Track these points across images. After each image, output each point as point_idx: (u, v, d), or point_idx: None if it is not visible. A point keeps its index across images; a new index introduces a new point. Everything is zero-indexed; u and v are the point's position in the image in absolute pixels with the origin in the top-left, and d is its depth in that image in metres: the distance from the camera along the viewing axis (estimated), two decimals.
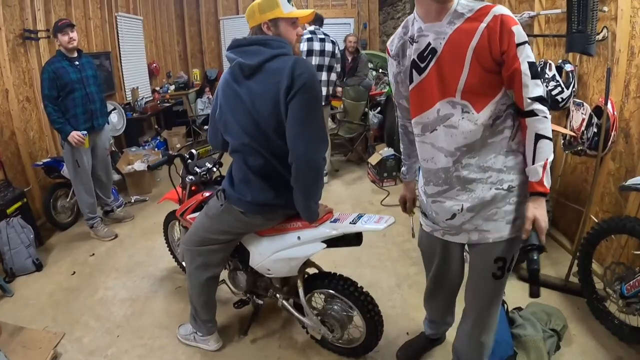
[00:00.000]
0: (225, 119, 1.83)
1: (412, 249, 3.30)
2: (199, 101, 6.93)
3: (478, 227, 1.50)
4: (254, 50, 1.70)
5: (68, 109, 3.32)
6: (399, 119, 1.83)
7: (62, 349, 2.40)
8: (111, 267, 3.28)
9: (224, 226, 1.99)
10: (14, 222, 3.17)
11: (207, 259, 2.10)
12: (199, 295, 2.20)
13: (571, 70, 2.78)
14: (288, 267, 2.01)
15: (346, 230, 1.87)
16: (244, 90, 1.72)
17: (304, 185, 1.74)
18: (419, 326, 2.41)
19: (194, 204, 2.33)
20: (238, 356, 2.32)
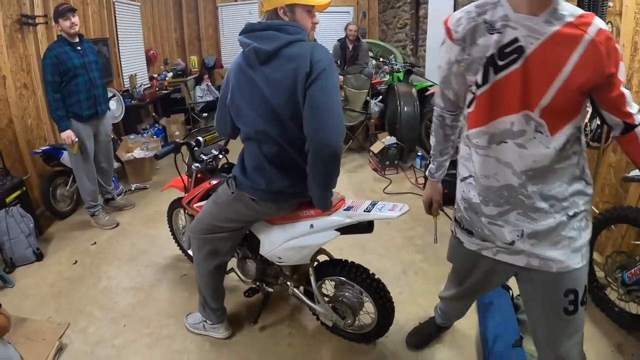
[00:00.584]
0: (238, 105, 1.76)
1: (417, 237, 3.30)
2: (198, 88, 6.85)
3: (540, 255, 1.33)
4: (270, 35, 1.64)
5: (71, 95, 3.25)
6: (437, 108, 1.58)
7: (67, 339, 2.36)
8: (113, 256, 3.23)
9: (233, 214, 1.94)
10: (14, 211, 3.10)
11: (215, 247, 2.07)
12: (208, 283, 2.17)
13: None
14: (300, 255, 1.98)
15: (361, 218, 1.84)
16: (259, 76, 1.66)
17: (322, 173, 1.68)
18: (427, 312, 2.43)
19: (201, 192, 2.28)
20: (248, 343, 2.30)
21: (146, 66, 6.51)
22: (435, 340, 2.24)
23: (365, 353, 2.20)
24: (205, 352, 2.24)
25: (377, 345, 2.23)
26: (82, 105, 3.31)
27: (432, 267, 2.89)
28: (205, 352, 2.24)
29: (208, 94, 6.83)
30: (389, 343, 2.24)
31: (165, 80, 6.57)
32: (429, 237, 3.24)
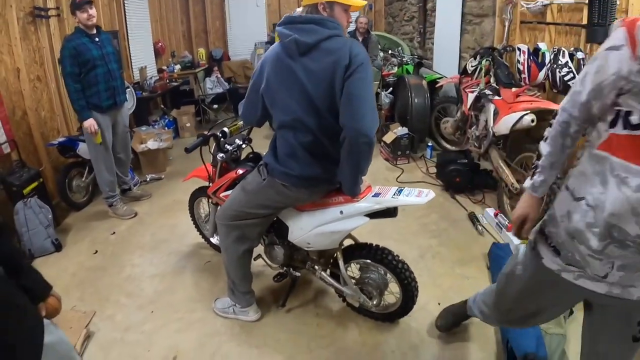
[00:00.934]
0: (275, 93, 1.82)
1: (431, 223, 3.38)
2: (208, 80, 6.89)
3: (624, 284, 1.23)
4: (310, 29, 1.71)
5: (91, 86, 3.28)
6: (564, 113, 1.32)
7: (95, 327, 2.40)
8: (135, 245, 3.28)
9: (264, 200, 2.00)
10: (32, 202, 3.13)
11: (243, 233, 2.12)
12: (237, 268, 2.23)
13: (582, 57, 2.87)
14: (329, 240, 2.04)
15: (390, 204, 1.90)
16: (298, 66, 1.73)
17: (356, 161, 1.74)
18: (446, 293, 2.53)
19: (228, 182, 2.33)
20: (277, 325, 2.37)
21: (154, 59, 6.52)
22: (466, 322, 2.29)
23: (390, 331, 2.27)
24: (236, 334, 2.30)
25: (401, 324, 2.31)
26: (101, 96, 3.34)
27: (449, 251, 2.97)
28: (236, 334, 2.30)
29: (218, 85, 6.86)
30: (412, 321, 2.31)
31: (174, 73, 6.58)
32: (443, 223, 3.33)
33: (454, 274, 2.71)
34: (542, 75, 3.20)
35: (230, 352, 2.19)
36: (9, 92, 3.38)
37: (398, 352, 2.13)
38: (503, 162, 3.32)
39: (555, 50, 3.03)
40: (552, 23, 3.27)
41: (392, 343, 2.19)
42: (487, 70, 3.68)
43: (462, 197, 3.75)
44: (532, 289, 1.50)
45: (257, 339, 2.26)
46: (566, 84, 2.90)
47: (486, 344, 2.13)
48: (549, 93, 3.33)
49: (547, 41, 3.30)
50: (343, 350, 2.16)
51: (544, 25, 3.36)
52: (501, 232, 3.10)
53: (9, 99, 3.38)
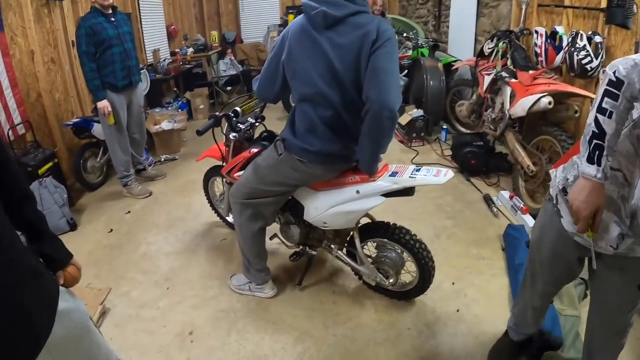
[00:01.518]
0: (296, 65, 1.79)
1: (446, 204, 3.36)
2: (221, 62, 6.90)
3: (631, 247, 1.26)
4: (338, 2, 1.69)
5: (106, 65, 3.28)
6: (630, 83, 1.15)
7: (110, 304, 2.43)
8: (150, 224, 3.30)
9: (279, 177, 1.99)
10: (47, 182, 3.16)
11: (258, 211, 2.12)
12: (251, 246, 2.23)
13: (600, 41, 2.82)
14: (346, 220, 2.03)
15: (407, 184, 1.88)
16: (324, 39, 1.71)
17: (378, 135, 1.72)
18: (461, 273, 2.55)
19: (242, 161, 2.31)
20: (294, 302, 2.38)
21: (167, 41, 6.51)
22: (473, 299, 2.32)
23: (406, 309, 2.28)
24: (253, 310, 2.32)
25: (416, 302, 2.31)
26: (117, 75, 3.34)
27: (463, 232, 2.96)
28: (252, 310, 2.32)
29: (231, 68, 6.86)
30: (428, 300, 2.32)
31: (187, 55, 6.57)
32: (458, 205, 3.32)
33: (470, 254, 2.71)
34: (560, 58, 3.15)
35: (246, 327, 2.21)
36: (23, 74, 3.40)
37: (414, 330, 2.14)
38: (519, 145, 3.28)
39: (573, 33, 2.98)
40: (569, 6, 3.20)
41: (407, 321, 2.20)
42: (504, 53, 3.63)
43: (477, 180, 3.73)
44: (557, 261, 1.52)
45: (274, 315, 2.28)
46: (584, 67, 2.87)
47: (501, 322, 2.11)
48: (565, 77, 3.28)
49: (564, 24, 3.24)
50: (359, 327, 2.17)
51: (561, 9, 3.29)
52: (516, 215, 3.08)
53: (24, 81, 3.40)
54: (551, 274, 1.60)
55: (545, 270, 1.60)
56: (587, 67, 2.85)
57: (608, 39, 2.86)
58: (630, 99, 1.13)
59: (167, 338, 2.17)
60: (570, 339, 1.97)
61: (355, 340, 2.09)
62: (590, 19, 3.01)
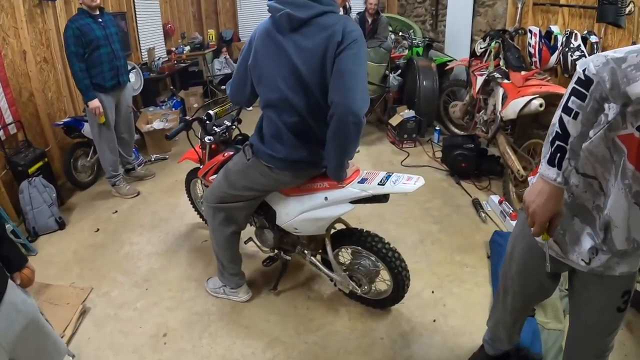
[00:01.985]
0: (262, 70, 1.76)
1: (434, 208, 3.31)
2: (216, 61, 6.92)
3: (606, 265, 1.21)
4: (304, 4, 1.62)
5: (95, 66, 3.29)
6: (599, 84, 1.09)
7: (91, 303, 2.44)
8: (135, 224, 3.31)
9: (248, 182, 1.97)
10: (36, 181, 3.18)
11: (230, 215, 2.10)
12: (225, 250, 2.22)
13: (596, 41, 2.77)
14: (315, 226, 2.01)
15: (375, 191, 1.83)
16: (289, 43, 1.66)
17: (343, 141, 1.67)
18: (442, 281, 2.49)
19: (216, 165, 2.30)
20: (268, 307, 2.36)
21: (164, 40, 6.51)
22: (451, 310, 2.27)
23: (381, 318, 2.24)
24: (227, 314, 2.31)
25: (392, 311, 2.27)
26: (105, 76, 3.34)
27: (449, 237, 2.91)
28: (226, 314, 2.31)
29: (226, 66, 6.88)
30: (404, 309, 2.27)
31: (183, 54, 6.57)
32: (446, 209, 3.27)
33: (453, 261, 2.66)
34: (554, 59, 3.09)
35: (218, 330, 2.20)
36: (15, 74, 3.41)
37: (387, 339, 2.10)
38: (510, 148, 3.22)
39: (567, 33, 2.92)
40: (565, 5, 3.15)
41: (381, 330, 2.16)
42: (497, 53, 3.56)
43: (468, 183, 3.67)
44: (529, 260, 1.43)
45: (247, 320, 2.26)
46: None
47: (479, 334, 2.06)
48: (560, 78, 3.21)
49: (559, 24, 3.18)
50: (331, 335, 2.14)
51: (557, 7, 3.23)
52: (505, 220, 3.02)
53: (16, 81, 3.41)
54: (521, 289, 1.53)
55: (516, 284, 1.53)
56: None
57: (604, 39, 2.79)
58: (600, 100, 1.04)
59: (142, 339, 2.17)
60: (552, 354, 1.92)
61: (326, 348, 2.06)
62: (587, 18, 2.95)
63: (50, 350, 1.49)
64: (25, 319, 1.33)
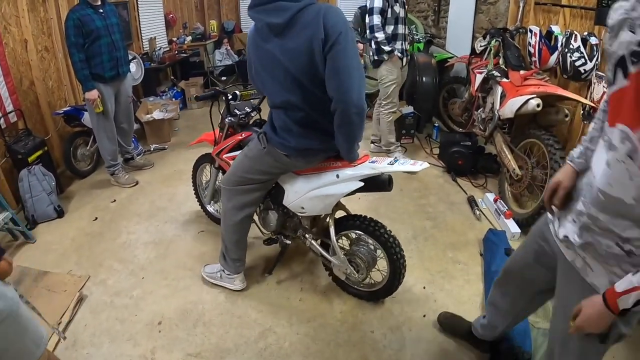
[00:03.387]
0: (261, 78, 1.83)
1: (428, 205, 3.34)
2: (217, 52, 6.90)
3: (585, 257, 1.17)
4: (279, 7, 1.62)
5: (94, 56, 3.30)
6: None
7: (88, 291, 2.48)
8: (133, 213, 3.33)
9: (264, 167, 2.04)
10: (36, 170, 3.20)
11: (244, 199, 2.16)
12: (232, 233, 2.26)
13: (596, 43, 2.75)
14: (323, 204, 2.05)
15: (384, 170, 1.91)
16: (276, 48, 1.68)
17: (349, 130, 1.75)
18: (434, 277, 2.52)
19: (232, 143, 2.38)
20: (261, 297, 2.40)
21: (165, 30, 6.51)
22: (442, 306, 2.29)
23: (372, 311, 2.27)
24: (220, 303, 2.34)
25: (384, 304, 2.31)
26: (104, 66, 3.36)
27: (442, 234, 2.93)
28: (219, 303, 2.34)
29: (227, 57, 6.87)
30: (395, 303, 2.31)
31: (184, 44, 6.56)
32: (441, 206, 3.30)
33: (445, 258, 2.69)
34: (554, 59, 3.09)
35: (212, 320, 2.23)
36: (16, 62, 3.43)
37: (377, 333, 2.13)
38: (506, 147, 3.24)
39: (567, 33, 2.92)
40: (567, 5, 3.13)
41: (373, 323, 2.19)
42: (497, 52, 3.57)
43: (464, 180, 3.70)
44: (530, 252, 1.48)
45: (240, 309, 2.30)
46: (577, 69, 2.80)
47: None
48: (560, 79, 3.22)
49: (560, 24, 3.17)
50: (322, 327, 2.17)
51: (558, 8, 3.22)
52: (499, 219, 3.05)
53: (17, 70, 3.43)
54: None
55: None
56: (580, 69, 2.78)
57: (604, 41, 2.79)
58: None
59: (137, 327, 2.21)
60: (542, 352, 1.92)
61: (317, 340, 2.10)
62: (588, 20, 2.93)
63: (27, 344, 1.40)
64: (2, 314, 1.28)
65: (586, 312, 1.09)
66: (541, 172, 2.89)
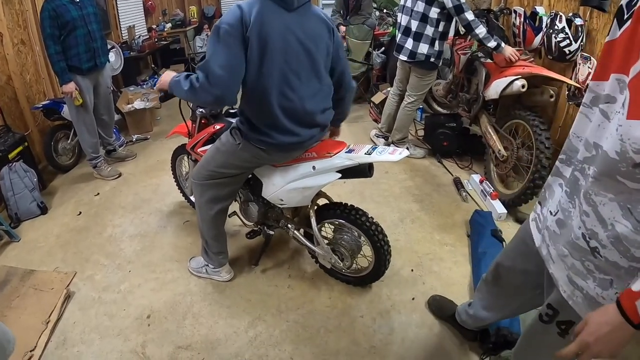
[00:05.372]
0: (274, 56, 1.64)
1: (414, 187, 3.35)
2: (198, 39, 6.80)
3: (549, 245, 1.11)
4: None
5: (70, 47, 3.21)
6: None
7: (75, 287, 2.45)
8: (117, 205, 3.29)
9: (237, 162, 1.98)
10: (17, 166, 3.13)
11: (217, 193, 2.10)
12: (210, 228, 2.22)
13: (581, 24, 2.76)
14: (301, 196, 2.03)
15: (362, 160, 1.87)
16: (296, 24, 1.67)
17: (349, 103, 2.15)
18: (422, 259, 2.54)
19: (205, 136, 2.31)
20: (249, 286, 2.39)
21: (144, 17, 6.36)
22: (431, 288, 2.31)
23: (361, 296, 2.28)
24: (208, 294, 2.33)
25: (372, 288, 2.32)
26: (81, 58, 3.26)
27: (429, 216, 2.95)
28: (208, 294, 2.33)
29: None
30: (384, 287, 2.32)
31: (164, 31, 6.45)
32: (427, 188, 3.31)
33: (433, 240, 2.70)
34: (538, 40, 3.09)
35: (201, 311, 2.22)
36: None
37: (367, 317, 2.14)
38: (492, 128, 3.25)
39: (552, 14, 2.91)
40: None
41: (362, 308, 2.20)
42: None
43: (449, 162, 3.71)
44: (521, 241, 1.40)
45: (229, 299, 2.29)
46: (561, 50, 2.81)
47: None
48: (544, 60, 3.22)
49: (545, 5, 3.16)
50: (312, 313, 2.18)
51: None
52: (485, 200, 3.07)
53: None
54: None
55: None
56: (565, 50, 2.79)
57: (590, 21, 2.79)
58: None
59: (126, 321, 2.19)
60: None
61: (307, 326, 2.10)
62: (572, 1, 2.93)
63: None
64: None
65: (594, 322, 0.87)
66: (527, 152, 2.91)
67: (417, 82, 3.63)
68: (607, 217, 0.90)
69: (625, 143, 0.82)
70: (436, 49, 3.39)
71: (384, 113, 4.12)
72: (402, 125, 3.84)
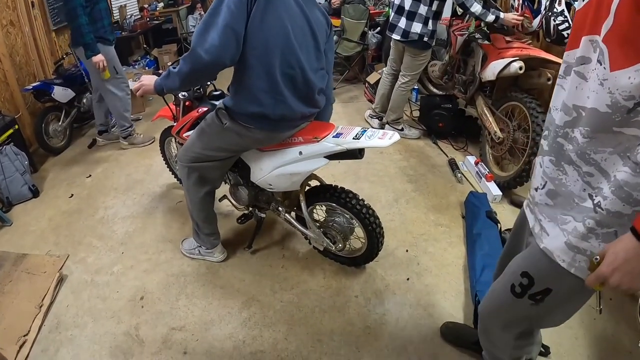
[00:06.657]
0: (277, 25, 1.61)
1: (409, 167, 3.33)
2: (190, 18, 6.67)
3: (542, 220, 1.08)
4: None
5: (96, 20, 3.29)
6: None
7: (67, 270, 2.43)
8: (109, 187, 3.26)
9: (223, 143, 1.93)
10: (7, 150, 3.09)
11: (204, 175, 2.08)
12: (199, 210, 2.20)
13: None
14: (290, 182, 1.99)
15: (350, 146, 1.81)
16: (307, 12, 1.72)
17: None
18: (416, 240, 2.52)
19: (190, 121, 2.25)
20: (243, 266, 2.38)
21: None
22: (425, 269, 2.29)
23: (355, 276, 2.27)
24: (202, 275, 2.32)
25: (367, 269, 2.31)
26: (106, 30, 3.39)
27: (423, 197, 2.93)
28: (201, 275, 2.32)
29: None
30: (378, 267, 2.31)
31: (156, 11, 6.34)
32: (422, 168, 3.30)
33: (427, 220, 2.69)
34: (537, 22, 3.04)
35: (195, 292, 2.21)
36: None
37: (362, 297, 2.14)
38: (488, 110, 3.22)
39: None
40: None
41: (356, 288, 2.19)
42: None
43: (445, 144, 3.69)
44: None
45: (222, 280, 2.28)
46: (560, 33, 2.77)
47: (451, 294, 2.13)
48: (542, 42, 3.18)
49: None
50: (306, 293, 2.17)
51: None
52: (480, 181, 3.05)
53: None
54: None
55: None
56: (564, 33, 2.75)
57: None
58: None
59: (120, 303, 2.18)
60: None
61: (301, 307, 2.09)
62: None
63: None
64: None
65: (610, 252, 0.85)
66: (522, 135, 2.89)
67: (410, 62, 3.59)
68: (611, 170, 0.90)
69: (615, 94, 0.85)
70: (429, 28, 3.35)
71: (378, 93, 4.09)
72: (397, 105, 3.81)
